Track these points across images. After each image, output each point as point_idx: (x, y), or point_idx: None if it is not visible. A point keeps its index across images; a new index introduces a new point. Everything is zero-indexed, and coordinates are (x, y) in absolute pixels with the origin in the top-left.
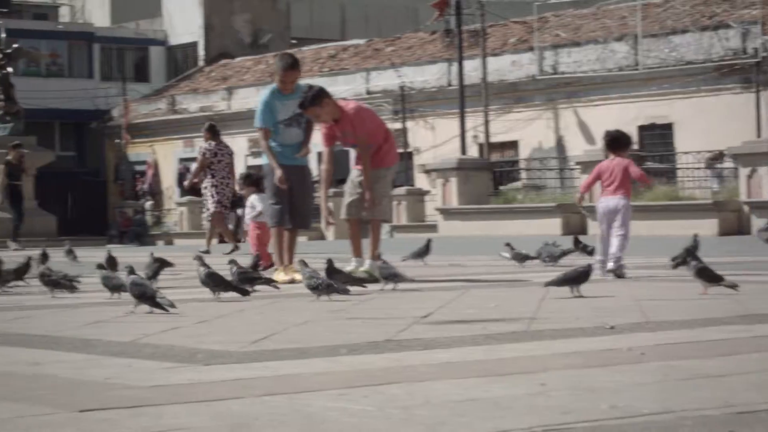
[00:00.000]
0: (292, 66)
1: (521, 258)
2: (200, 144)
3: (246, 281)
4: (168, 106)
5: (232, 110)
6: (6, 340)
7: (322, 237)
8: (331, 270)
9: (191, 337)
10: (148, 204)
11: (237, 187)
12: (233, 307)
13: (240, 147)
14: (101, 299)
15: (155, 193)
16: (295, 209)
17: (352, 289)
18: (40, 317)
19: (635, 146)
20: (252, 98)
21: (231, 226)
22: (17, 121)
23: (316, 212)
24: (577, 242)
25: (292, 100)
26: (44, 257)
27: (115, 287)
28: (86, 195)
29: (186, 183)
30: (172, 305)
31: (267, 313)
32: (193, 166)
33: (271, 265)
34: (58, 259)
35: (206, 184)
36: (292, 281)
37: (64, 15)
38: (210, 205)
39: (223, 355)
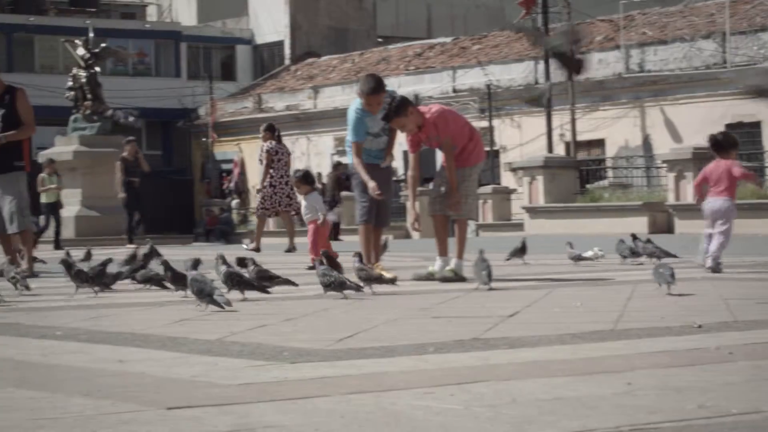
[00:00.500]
0: (375, 90)
1: (576, 258)
2: (262, 144)
3: (264, 280)
4: (254, 104)
5: (318, 109)
6: (92, 338)
7: (407, 236)
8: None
9: (277, 335)
10: (234, 202)
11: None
12: (318, 305)
13: (326, 145)
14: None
15: (241, 191)
16: (378, 208)
17: (422, 287)
18: (126, 315)
19: None
20: (338, 97)
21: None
22: (105, 120)
23: (395, 211)
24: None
25: (379, 114)
26: (134, 258)
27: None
28: (173, 193)
29: (258, 186)
30: (228, 303)
31: (352, 311)
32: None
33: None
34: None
35: (265, 183)
36: None
37: (152, 14)
38: (260, 203)
39: (310, 353)
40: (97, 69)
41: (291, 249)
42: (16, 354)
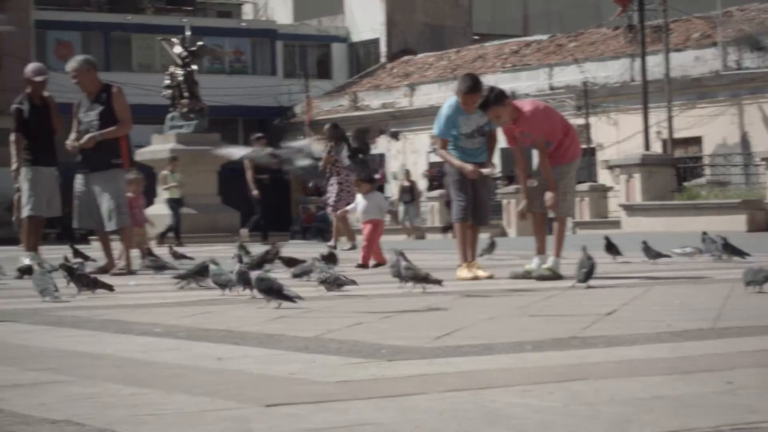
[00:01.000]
0: (473, 89)
1: (654, 255)
2: (329, 144)
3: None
4: (350, 102)
5: (414, 107)
6: (191, 335)
7: (503, 233)
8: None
9: (375, 332)
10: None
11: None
12: (415, 303)
13: (422, 143)
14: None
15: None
16: (475, 206)
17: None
18: (224, 312)
19: None
20: (434, 94)
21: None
22: (201, 118)
23: (494, 209)
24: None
25: (475, 115)
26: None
27: (223, 283)
28: (270, 191)
29: (312, 184)
30: (299, 297)
31: (450, 309)
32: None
33: (380, 264)
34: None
35: (332, 181)
36: (475, 278)
37: (248, 13)
38: (331, 201)
39: (407, 351)
40: (194, 67)
41: (353, 247)
42: (117, 350)
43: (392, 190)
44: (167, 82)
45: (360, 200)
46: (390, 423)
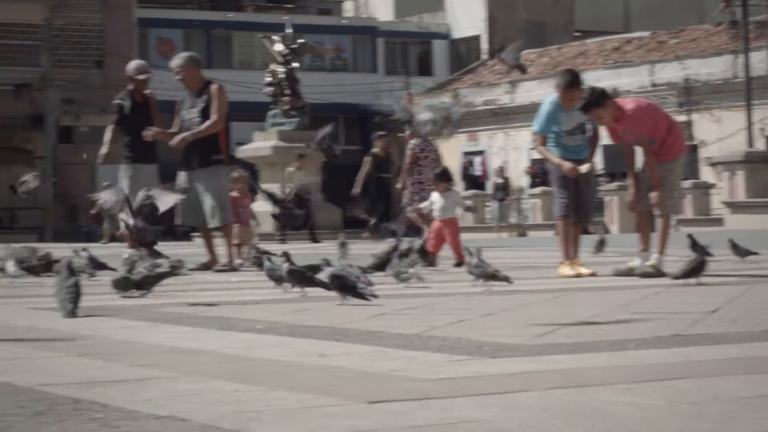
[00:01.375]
0: (572, 84)
1: (743, 253)
2: (412, 142)
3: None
4: (451, 99)
5: (516, 103)
6: (292, 332)
7: (606, 231)
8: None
9: (477, 330)
10: None
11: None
12: (518, 300)
13: (524, 140)
14: (391, 291)
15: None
16: (578, 203)
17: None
18: (325, 309)
19: None
20: (535, 91)
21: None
22: (303, 115)
23: (596, 206)
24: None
25: (576, 112)
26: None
27: (278, 278)
28: (371, 188)
29: (399, 185)
30: (374, 295)
31: (552, 306)
32: (477, 159)
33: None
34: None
35: (412, 180)
36: (578, 275)
37: (348, 10)
38: (406, 200)
39: (509, 348)
40: (295, 65)
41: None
42: (220, 347)
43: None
44: (268, 79)
45: (436, 198)
46: (493, 420)
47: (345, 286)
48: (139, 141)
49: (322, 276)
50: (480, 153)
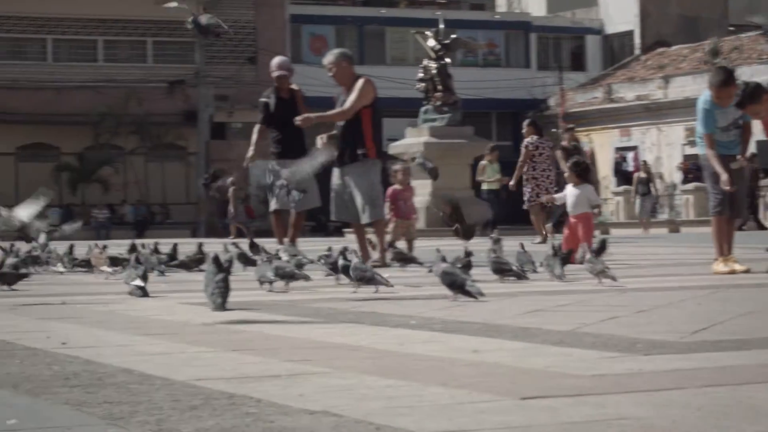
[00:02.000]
0: (726, 83)
1: None
2: (527, 139)
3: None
4: (604, 95)
5: (669, 99)
6: (445, 328)
7: (761, 227)
8: None
9: (630, 326)
10: None
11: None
12: (671, 297)
13: (677, 135)
14: (542, 288)
15: (595, 181)
16: (731, 199)
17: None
18: (478, 305)
19: None
20: (688, 87)
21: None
22: (455, 111)
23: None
24: None
25: (731, 108)
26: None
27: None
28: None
29: (511, 183)
30: (481, 293)
31: (706, 303)
32: (629, 155)
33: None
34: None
35: (527, 176)
36: (732, 272)
37: (501, 5)
38: (527, 196)
39: (663, 345)
40: (448, 60)
41: (543, 241)
42: (373, 342)
43: None
44: (421, 75)
45: (570, 191)
46: (647, 418)
47: (454, 283)
48: (286, 137)
49: (434, 271)
50: (633, 149)
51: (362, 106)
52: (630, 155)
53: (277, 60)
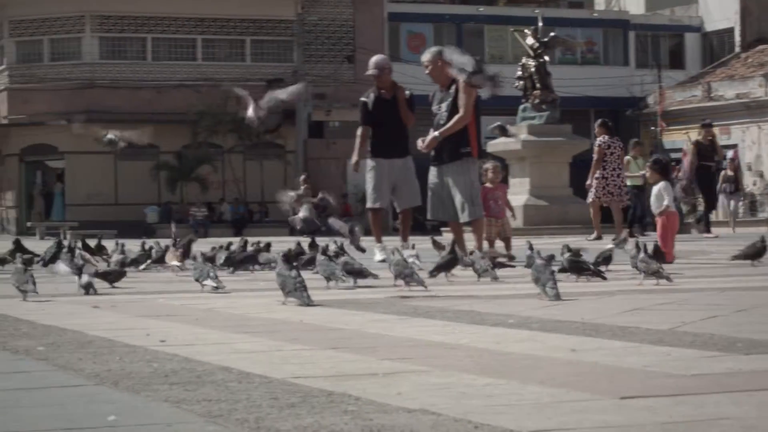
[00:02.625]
0: None
1: None
2: (598, 139)
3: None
4: (703, 93)
5: None
6: (543, 327)
7: None
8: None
9: (729, 325)
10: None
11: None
12: None
13: None
14: (641, 287)
15: (691, 180)
16: None
17: None
18: (577, 304)
19: None
20: None
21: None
22: (553, 109)
23: None
24: None
25: None
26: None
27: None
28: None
29: (588, 182)
30: (558, 296)
31: None
32: (729, 153)
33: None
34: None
35: (597, 175)
36: None
37: (599, 3)
38: (591, 195)
39: (764, 345)
40: (546, 58)
41: (598, 237)
42: (471, 341)
43: (747, 180)
44: (519, 73)
45: (654, 190)
46: (748, 418)
47: (538, 280)
48: (386, 136)
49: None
50: (733, 146)
51: (474, 106)
52: (729, 153)
53: (373, 59)
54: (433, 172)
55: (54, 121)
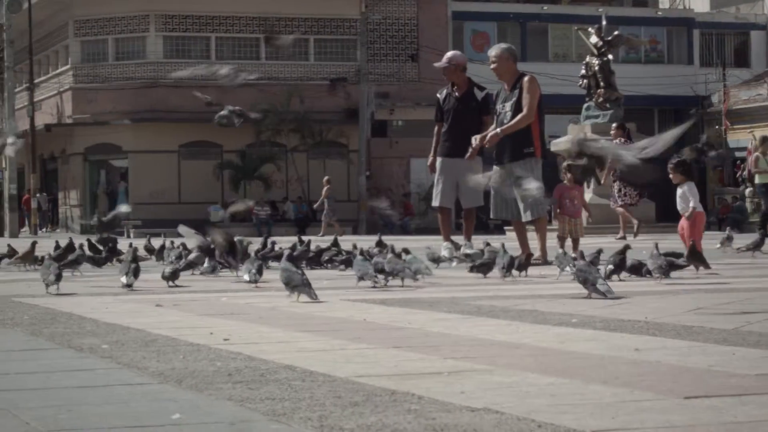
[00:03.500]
0: None
1: None
2: (614, 141)
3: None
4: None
5: None
6: (607, 326)
7: None
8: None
9: None
10: (748, 191)
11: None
12: None
13: None
14: (705, 286)
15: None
16: None
17: None
18: (640, 303)
19: None
20: None
21: None
22: (617, 107)
23: None
24: None
25: None
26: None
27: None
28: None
29: (603, 181)
30: (611, 291)
31: None
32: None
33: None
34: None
35: (614, 177)
36: None
37: (664, 1)
38: (616, 197)
39: None
40: (610, 57)
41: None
42: (534, 340)
43: None
44: (583, 71)
45: (678, 191)
46: None
47: (587, 281)
48: (452, 134)
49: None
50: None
51: (537, 105)
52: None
53: (448, 53)
54: (495, 171)
55: (118, 121)
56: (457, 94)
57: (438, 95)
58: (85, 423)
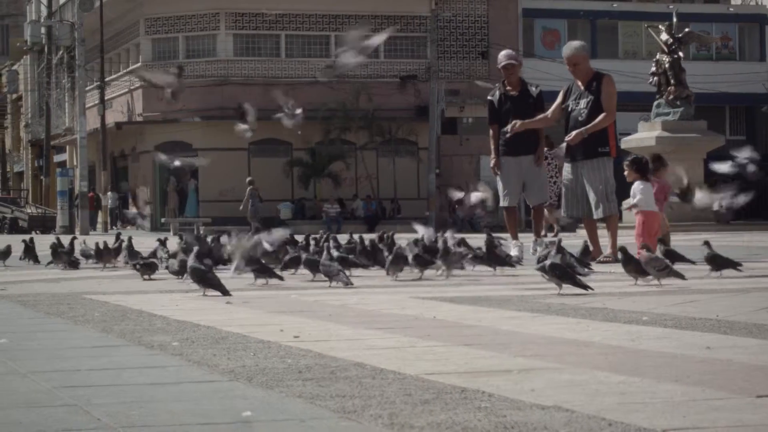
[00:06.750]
0: None
1: None
2: None
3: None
4: None
5: None
6: (678, 324)
7: None
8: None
9: None
10: None
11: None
12: None
13: None
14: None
15: None
16: None
17: None
18: (711, 301)
19: None
20: None
21: None
22: (687, 105)
23: None
24: None
25: None
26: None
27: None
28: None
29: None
30: (589, 287)
31: None
32: None
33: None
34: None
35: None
36: None
37: None
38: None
39: None
40: (681, 54)
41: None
42: (604, 338)
43: None
44: (653, 69)
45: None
46: None
47: (565, 275)
48: (519, 132)
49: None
50: None
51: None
52: None
53: (503, 51)
54: (567, 169)
55: (188, 119)
56: (514, 93)
57: (490, 98)
58: (155, 420)
